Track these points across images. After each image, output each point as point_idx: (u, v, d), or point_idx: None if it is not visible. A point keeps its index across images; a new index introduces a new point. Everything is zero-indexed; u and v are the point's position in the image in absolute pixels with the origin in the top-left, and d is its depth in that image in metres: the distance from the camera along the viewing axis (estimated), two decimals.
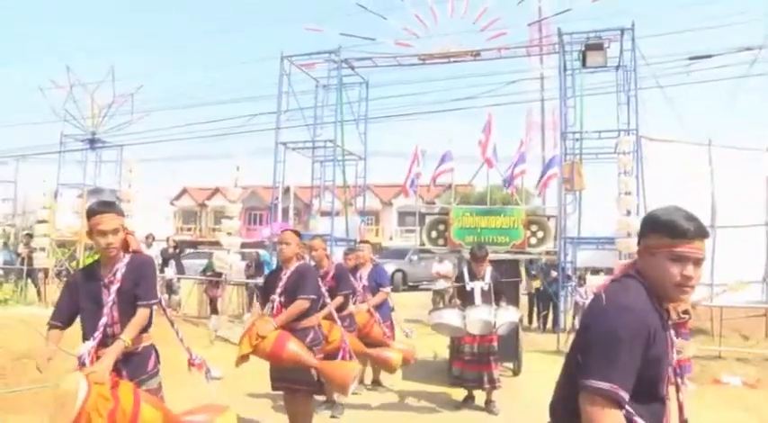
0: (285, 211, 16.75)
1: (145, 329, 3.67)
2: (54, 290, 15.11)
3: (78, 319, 3.67)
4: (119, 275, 3.58)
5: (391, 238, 41.77)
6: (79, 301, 3.65)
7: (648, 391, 2.08)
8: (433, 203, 16.15)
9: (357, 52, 14.61)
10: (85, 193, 14.85)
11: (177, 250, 15.47)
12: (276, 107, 14.75)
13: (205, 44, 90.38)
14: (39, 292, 15.53)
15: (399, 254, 23.76)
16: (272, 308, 5.27)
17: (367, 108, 16.22)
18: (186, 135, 20.59)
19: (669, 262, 2.06)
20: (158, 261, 14.69)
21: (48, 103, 17.89)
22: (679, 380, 2.39)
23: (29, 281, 15.50)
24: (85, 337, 3.57)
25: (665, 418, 2.19)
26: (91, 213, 3.61)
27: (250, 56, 71.01)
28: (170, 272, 14.07)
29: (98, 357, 3.42)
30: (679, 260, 2.03)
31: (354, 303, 7.28)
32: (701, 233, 2.06)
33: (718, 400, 7.67)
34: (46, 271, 15.18)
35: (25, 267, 15.38)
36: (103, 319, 3.52)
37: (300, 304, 5.09)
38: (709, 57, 14.91)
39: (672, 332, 2.28)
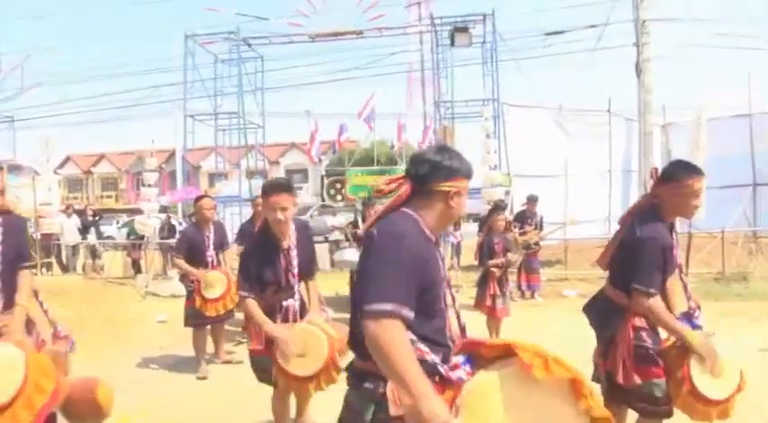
0: (173, 175, 17.90)
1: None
2: None
3: None
4: None
5: None
6: None
7: (427, 310, 2.09)
8: (320, 161, 17.87)
9: (252, 32, 16.16)
10: (5, 168, 15.71)
11: (97, 218, 16.61)
12: (183, 82, 16.13)
13: (105, 18, 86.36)
14: None
15: (303, 210, 25.89)
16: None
17: (263, 80, 17.86)
18: (88, 108, 21.29)
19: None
20: (79, 228, 15.88)
21: None
22: (453, 291, 2.37)
23: None
24: None
25: (446, 329, 2.20)
26: None
27: (150, 30, 69.02)
28: (92, 238, 15.26)
29: None
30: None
31: None
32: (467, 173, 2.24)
33: (559, 308, 10.13)
34: None
35: None
36: None
37: None
38: (562, 32, 17.45)
39: (440, 250, 2.28)
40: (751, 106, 14.56)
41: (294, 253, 3.93)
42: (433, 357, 2.10)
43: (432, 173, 2.18)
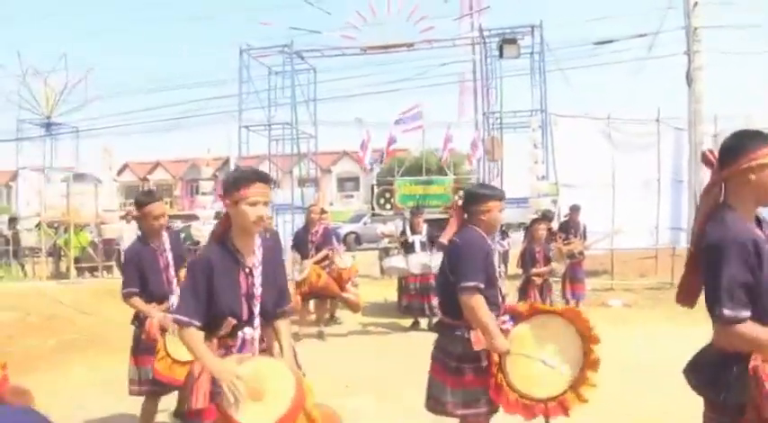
0: None
1: None
2: (42, 267, 17.00)
3: None
4: None
5: (332, 204, 43.50)
6: None
7: (488, 283, 3.60)
8: (371, 169, 18.30)
9: (305, 45, 16.66)
10: (71, 177, 16.54)
11: None
12: (238, 95, 16.75)
13: (159, 31, 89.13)
14: (23, 269, 17.36)
15: (356, 218, 26.74)
16: None
17: (316, 92, 18.34)
18: (144, 119, 22.12)
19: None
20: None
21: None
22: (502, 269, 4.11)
23: (14, 260, 17.25)
24: None
25: (498, 296, 3.74)
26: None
27: (204, 44, 71.08)
28: None
29: None
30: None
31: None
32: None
33: (602, 318, 10.22)
34: (33, 250, 16.85)
35: (11, 248, 17.06)
36: None
37: None
38: (611, 42, 17.49)
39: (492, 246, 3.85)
40: None
41: (258, 273, 2.96)
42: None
43: (470, 201, 3.84)
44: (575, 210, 11.67)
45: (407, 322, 9.88)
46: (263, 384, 2.64)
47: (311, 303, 9.31)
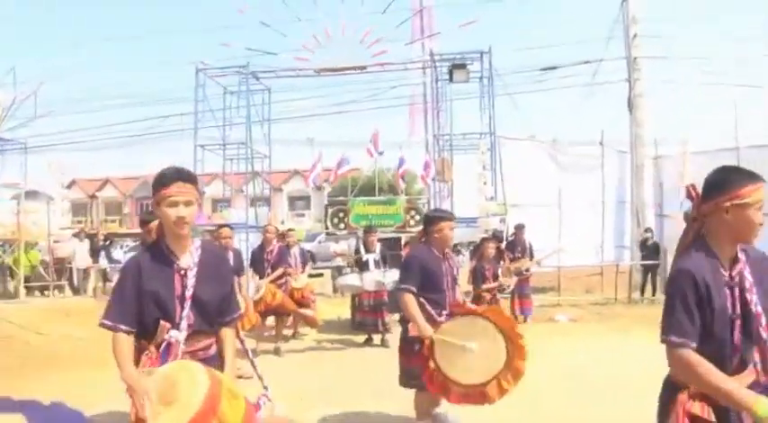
0: None
1: None
2: None
3: None
4: None
5: (283, 222, 43.39)
6: None
7: (432, 288, 4.71)
8: (321, 188, 18.56)
9: (260, 66, 16.89)
10: (22, 194, 16.30)
11: (107, 242, 17.22)
12: (193, 114, 16.85)
13: (113, 48, 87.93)
14: None
15: (311, 237, 26.94)
16: None
17: (270, 112, 18.59)
18: (95, 136, 22.01)
19: None
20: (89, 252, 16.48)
21: None
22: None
23: None
24: None
25: (443, 299, 4.72)
26: None
27: (158, 63, 70.29)
28: (103, 261, 15.88)
29: None
30: None
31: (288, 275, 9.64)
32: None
33: (549, 332, 10.67)
34: None
35: None
36: None
37: None
38: (555, 68, 18.15)
39: (448, 261, 4.85)
40: (738, 140, 15.11)
41: (192, 274, 2.86)
42: (432, 311, 4.64)
43: (426, 223, 4.96)
44: (519, 228, 12.14)
45: (361, 338, 10.10)
46: (175, 389, 2.53)
47: (271, 319, 9.46)
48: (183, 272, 2.87)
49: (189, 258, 2.90)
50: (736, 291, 2.32)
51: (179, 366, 2.67)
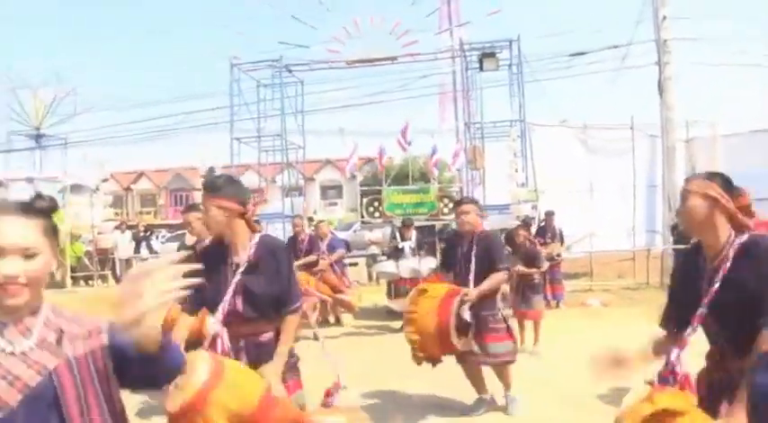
0: None
1: None
2: None
3: None
4: None
5: (315, 212, 43.70)
6: None
7: (453, 266, 5.26)
8: (355, 177, 18.83)
9: (293, 59, 17.21)
10: (68, 188, 16.94)
11: (148, 233, 17.80)
12: (229, 108, 17.27)
13: (143, 44, 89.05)
14: None
15: (347, 226, 27.24)
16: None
17: (303, 104, 18.95)
18: (131, 132, 22.56)
19: None
20: (132, 243, 17.07)
21: None
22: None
23: None
24: None
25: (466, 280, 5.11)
26: None
27: (192, 57, 71.41)
28: (144, 252, 16.43)
29: None
30: None
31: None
32: None
33: (580, 316, 10.91)
34: None
35: None
36: None
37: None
38: (584, 53, 18.17)
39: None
40: None
41: (241, 270, 3.10)
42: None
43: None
44: (549, 215, 12.36)
45: (398, 324, 10.41)
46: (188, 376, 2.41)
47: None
48: (234, 266, 3.14)
49: (244, 254, 3.16)
50: None
51: (194, 355, 2.57)
